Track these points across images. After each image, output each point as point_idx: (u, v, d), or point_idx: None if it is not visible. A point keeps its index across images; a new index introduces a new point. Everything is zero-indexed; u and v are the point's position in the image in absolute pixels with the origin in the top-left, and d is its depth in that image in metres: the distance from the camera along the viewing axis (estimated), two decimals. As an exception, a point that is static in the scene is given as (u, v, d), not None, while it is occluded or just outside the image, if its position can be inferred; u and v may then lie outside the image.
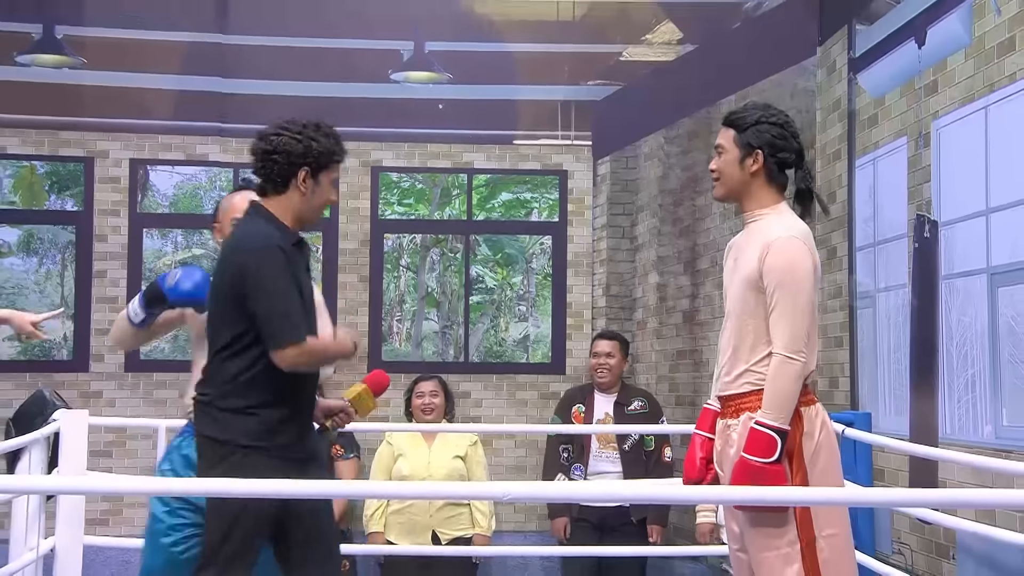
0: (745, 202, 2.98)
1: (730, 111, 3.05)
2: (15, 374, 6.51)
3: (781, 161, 2.96)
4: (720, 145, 2.99)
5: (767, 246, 2.87)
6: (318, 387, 3.12)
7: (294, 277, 2.97)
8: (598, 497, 4.79)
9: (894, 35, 4.55)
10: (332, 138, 3.16)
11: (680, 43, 6.62)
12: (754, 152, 2.94)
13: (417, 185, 7.75)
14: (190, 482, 2.81)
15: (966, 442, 3.94)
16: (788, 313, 2.84)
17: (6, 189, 7.14)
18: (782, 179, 2.98)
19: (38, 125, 6.74)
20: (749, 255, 2.92)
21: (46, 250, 7.18)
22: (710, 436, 3.02)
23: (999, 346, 3.82)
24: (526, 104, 7.15)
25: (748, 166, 2.94)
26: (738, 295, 2.93)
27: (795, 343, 2.83)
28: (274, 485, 2.56)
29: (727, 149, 2.97)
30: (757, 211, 2.96)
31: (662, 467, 4.95)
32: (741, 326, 2.91)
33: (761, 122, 2.95)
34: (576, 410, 5.06)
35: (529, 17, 6.59)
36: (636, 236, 7.04)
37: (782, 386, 2.83)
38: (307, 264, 3.15)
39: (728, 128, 2.99)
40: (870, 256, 4.78)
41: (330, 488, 4.56)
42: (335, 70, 6.76)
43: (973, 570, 3.92)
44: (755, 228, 2.95)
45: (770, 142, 2.94)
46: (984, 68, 3.93)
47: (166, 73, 6.73)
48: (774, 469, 2.78)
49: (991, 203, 3.90)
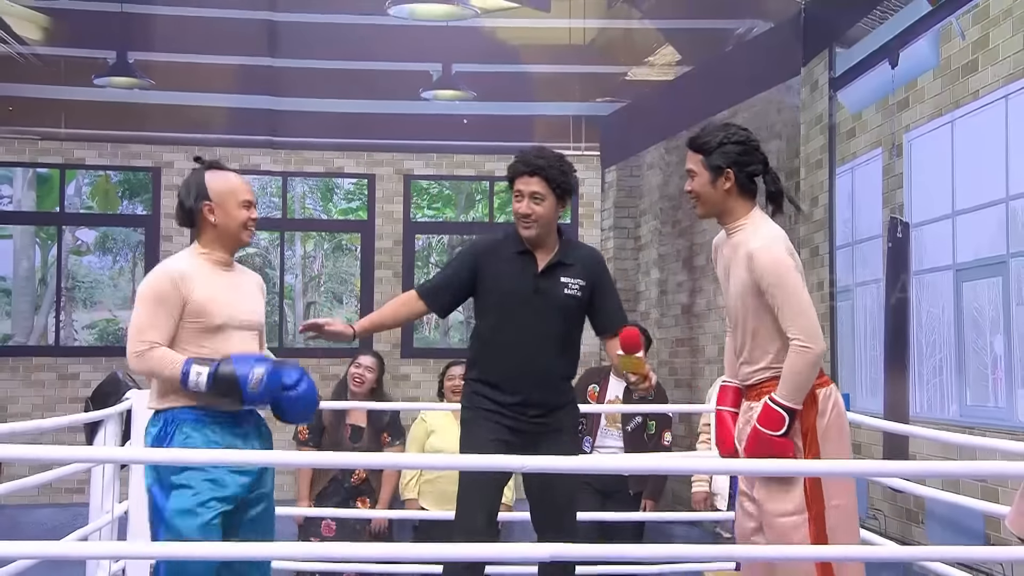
0: (724, 217, 2.90)
1: (692, 136, 2.92)
2: (93, 359, 6.57)
3: (749, 174, 2.88)
4: (691, 170, 2.89)
5: (750, 258, 2.82)
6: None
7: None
8: (611, 469, 4.76)
9: (870, 57, 4.53)
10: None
11: (679, 64, 6.61)
12: (724, 172, 2.85)
13: (445, 191, 7.76)
14: (246, 454, 2.81)
15: (934, 419, 3.93)
16: (795, 308, 2.79)
17: (85, 195, 7.20)
18: (752, 188, 2.90)
19: (112, 139, 6.80)
20: (737, 267, 2.88)
21: (119, 249, 7.24)
22: (735, 411, 2.97)
23: (963, 335, 3.81)
24: (541, 119, 7.15)
25: (721, 185, 2.85)
26: (738, 302, 2.89)
27: (810, 332, 2.78)
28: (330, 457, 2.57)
29: (698, 173, 2.87)
30: (735, 223, 2.88)
31: (661, 450, 4.95)
32: (749, 328, 2.88)
33: (724, 143, 2.85)
34: (591, 390, 5.05)
35: (545, 42, 6.59)
36: (640, 236, 7.03)
37: (799, 371, 2.78)
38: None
39: (695, 153, 2.88)
40: (848, 254, 4.76)
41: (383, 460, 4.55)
42: (372, 89, 6.78)
43: (940, 533, 3.91)
44: (737, 239, 2.89)
45: (736, 160, 2.85)
46: (951, 87, 3.91)
47: (223, 92, 6.78)
48: (781, 441, 2.77)
49: (957, 207, 3.89)
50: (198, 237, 2.97)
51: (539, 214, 3.13)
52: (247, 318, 2.92)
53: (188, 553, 2.65)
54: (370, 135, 7.10)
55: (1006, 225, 3.57)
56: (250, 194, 2.97)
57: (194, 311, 2.83)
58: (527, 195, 3.12)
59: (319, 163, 7.11)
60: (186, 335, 2.83)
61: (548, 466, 2.68)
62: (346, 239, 8.16)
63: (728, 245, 2.94)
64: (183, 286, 2.83)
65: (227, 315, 2.87)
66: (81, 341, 6.92)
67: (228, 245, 2.95)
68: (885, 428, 3.90)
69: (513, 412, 3.14)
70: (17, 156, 6.77)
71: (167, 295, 2.82)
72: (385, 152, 7.04)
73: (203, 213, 2.91)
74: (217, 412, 2.84)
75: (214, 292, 2.86)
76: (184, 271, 2.87)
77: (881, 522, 4.30)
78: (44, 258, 7.27)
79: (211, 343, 2.83)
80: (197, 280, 2.85)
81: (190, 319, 2.84)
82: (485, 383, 3.18)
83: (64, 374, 6.54)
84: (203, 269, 2.89)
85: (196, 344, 2.83)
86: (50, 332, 6.94)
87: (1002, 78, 3.58)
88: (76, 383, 6.42)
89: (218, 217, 2.91)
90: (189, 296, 2.83)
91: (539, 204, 3.12)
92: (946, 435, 3.35)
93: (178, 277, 2.85)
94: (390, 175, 7.01)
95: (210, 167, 2.98)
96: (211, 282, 2.87)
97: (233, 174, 2.99)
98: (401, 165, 7.03)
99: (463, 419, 3.23)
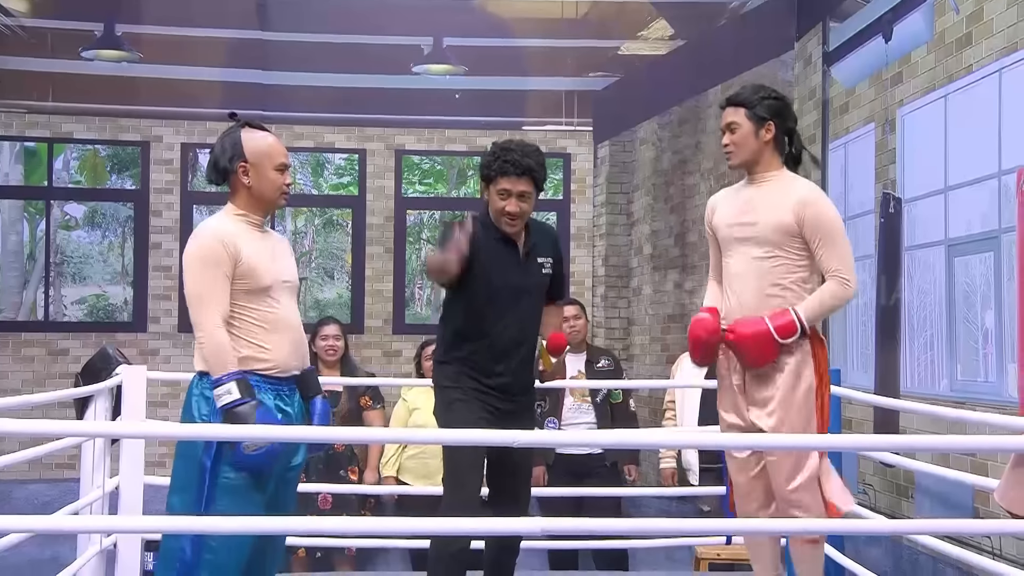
0: (757, 166, 3.06)
1: (733, 94, 3.09)
2: (83, 334, 6.56)
3: (787, 129, 3.07)
4: (733, 122, 3.05)
5: (803, 200, 2.98)
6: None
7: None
8: (597, 443, 4.77)
9: (864, 31, 4.52)
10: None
11: (672, 39, 6.58)
12: (767, 123, 3.02)
13: (436, 167, 7.73)
14: (239, 428, 2.80)
15: (924, 394, 3.95)
16: (841, 249, 2.99)
17: (73, 170, 7.16)
18: (784, 144, 3.08)
19: (100, 113, 6.75)
20: (777, 207, 3.00)
21: (108, 224, 7.21)
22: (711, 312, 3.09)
23: (954, 310, 3.83)
24: (534, 94, 7.12)
25: (763, 136, 3.03)
26: (766, 239, 3.00)
27: (851, 271, 2.99)
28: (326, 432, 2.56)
29: (741, 124, 3.04)
30: (768, 173, 3.06)
31: (628, 416, 4.97)
32: (771, 266, 2.99)
33: (766, 98, 3.05)
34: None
35: (537, 15, 6.55)
36: (632, 212, 7.03)
37: (830, 301, 2.99)
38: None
39: (737, 107, 3.05)
40: (840, 229, 4.77)
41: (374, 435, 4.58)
42: (363, 63, 6.74)
43: (929, 507, 3.94)
44: (771, 187, 3.04)
45: (778, 112, 3.05)
46: (944, 61, 3.90)
47: (213, 66, 6.73)
48: (778, 347, 2.93)
49: (949, 182, 3.89)
50: (232, 198, 2.85)
51: (526, 212, 3.14)
52: (289, 278, 2.87)
53: (179, 527, 2.64)
54: (361, 110, 7.06)
55: (999, 200, 3.57)
56: (286, 157, 2.87)
57: (243, 272, 2.75)
58: (515, 194, 3.11)
59: (310, 138, 7.08)
60: (236, 296, 2.74)
61: (547, 440, 2.68)
62: (337, 214, 8.14)
63: (753, 192, 3.07)
64: (232, 246, 2.75)
65: (273, 276, 2.80)
66: (70, 316, 6.90)
67: (262, 208, 2.85)
68: (876, 403, 3.92)
69: (499, 393, 3.16)
70: (4, 129, 6.73)
71: (220, 257, 2.73)
72: (376, 127, 7.00)
73: (237, 174, 2.80)
74: (273, 378, 2.80)
75: (259, 253, 2.79)
76: (229, 230, 2.78)
77: (871, 496, 4.33)
78: (32, 233, 7.24)
79: (261, 304, 2.77)
80: (242, 240, 2.77)
81: (240, 280, 2.75)
82: (471, 365, 3.16)
83: (54, 349, 6.53)
84: (244, 229, 2.80)
85: (244, 308, 2.76)
86: (39, 307, 6.92)
87: (996, 52, 3.58)
88: (66, 359, 6.41)
89: (252, 179, 2.80)
90: (238, 256, 2.74)
91: (526, 202, 3.13)
92: (937, 409, 3.37)
93: (226, 237, 2.75)
94: (381, 150, 6.98)
95: (246, 125, 2.86)
96: (254, 243, 2.80)
97: (270, 135, 2.88)
98: (392, 140, 7.00)
99: (447, 399, 3.19)
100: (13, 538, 2.83)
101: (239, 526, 2.63)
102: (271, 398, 2.78)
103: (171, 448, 5.96)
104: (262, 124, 2.91)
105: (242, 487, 2.72)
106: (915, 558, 3.92)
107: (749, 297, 3.01)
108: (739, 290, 3.04)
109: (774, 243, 2.99)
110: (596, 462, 4.89)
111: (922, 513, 3.95)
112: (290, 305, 2.84)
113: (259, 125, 2.90)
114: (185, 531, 2.69)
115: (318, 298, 7.89)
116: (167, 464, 6.08)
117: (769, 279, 2.99)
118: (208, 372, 2.76)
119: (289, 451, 2.84)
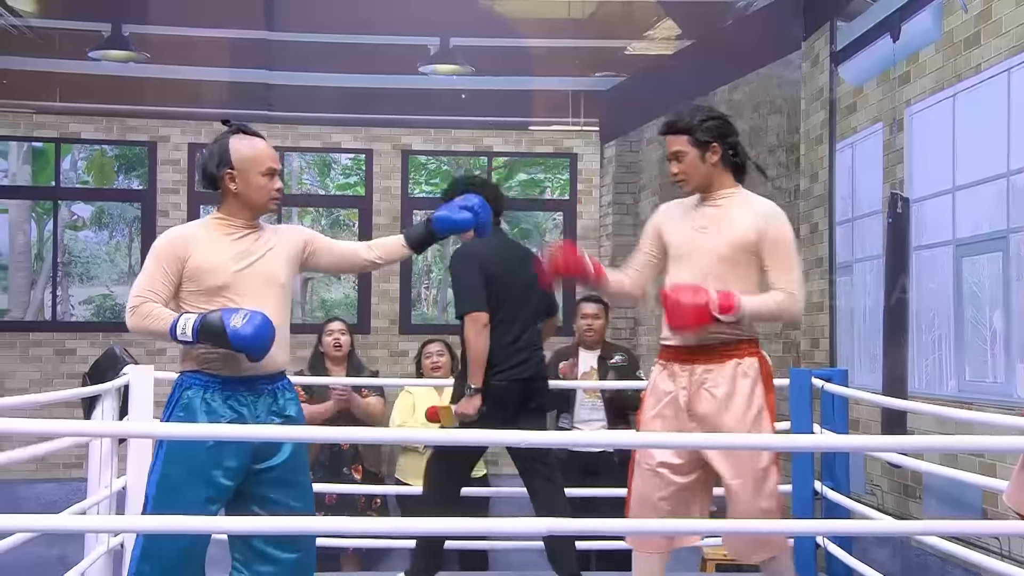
0: (711, 188, 3.08)
1: (670, 122, 3.10)
2: (90, 334, 6.58)
3: (731, 145, 3.08)
4: (678, 151, 3.06)
5: (764, 214, 3.02)
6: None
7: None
8: (598, 444, 4.78)
9: (872, 31, 4.51)
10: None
11: (678, 39, 6.57)
12: (711, 146, 3.04)
13: (443, 167, 7.74)
14: (239, 428, 2.79)
15: (932, 395, 3.95)
16: (795, 266, 3.03)
17: (81, 170, 7.19)
18: (733, 160, 3.09)
19: (107, 113, 6.77)
20: (736, 222, 3.01)
21: (115, 224, 7.24)
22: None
23: (962, 310, 3.82)
24: (540, 94, 7.13)
25: (709, 159, 3.05)
26: (724, 256, 3.00)
27: (801, 288, 3.04)
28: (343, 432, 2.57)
29: (686, 152, 3.05)
30: (723, 191, 3.08)
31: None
32: (723, 283, 2.97)
33: (705, 120, 3.05)
34: (563, 366, 5.05)
35: (543, 15, 6.55)
36: (639, 212, 7.02)
37: (773, 306, 3.00)
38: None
39: (678, 135, 3.06)
40: (848, 230, 4.76)
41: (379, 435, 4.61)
42: (369, 63, 6.75)
43: (937, 508, 3.93)
44: (729, 203, 3.06)
45: (720, 132, 3.06)
46: (952, 60, 3.89)
47: (219, 66, 6.74)
48: (707, 320, 2.91)
49: (957, 182, 3.88)
50: (220, 203, 2.91)
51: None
52: (255, 279, 2.83)
53: (179, 527, 2.64)
54: (368, 110, 7.07)
55: (1007, 200, 3.57)
56: (275, 162, 2.89)
57: (191, 274, 2.80)
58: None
59: (316, 138, 7.09)
60: (189, 297, 2.81)
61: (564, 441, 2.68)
62: (344, 215, 8.16)
63: (710, 209, 3.09)
64: (181, 246, 2.81)
65: (229, 277, 2.80)
66: (78, 316, 6.92)
67: (249, 213, 2.88)
68: (883, 404, 3.91)
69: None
70: (12, 129, 6.75)
71: (164, 253, 2.82)
72: (383, 127, 7.01)
73: (224, 180, 2.85)
74: (228, 379, 2.80)
75: (216, 254, 2.81)
76: (187, 233, 2.86)
77: (879, 497, 4.32)
78: (40, 233, 7.27)
79: (213, 304, 2.78)
80: (199, 242, 2.82)
81: (190, 280, 2.80)
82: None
83: (61, 349, 6.55)
84: (212, 233, 2.85)
85: (199, 305, 2.80)
86: (47, 307, 6.94)
87: (1005, 51, 3.57)
88: (73, 359, 6.43)
89: (240, 185, 2.84)
90: (188, 257, 2.80)
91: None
92: (944, 410, 3.37)
93: (177, 237, 2.84)
94: (388, 150, 6.99)
95: (239, 131, 2.90)
96: (216, 244, 2.83)
97: (260, 140, 2.90)
98: (399, 140, 7.00)
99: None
100: (20, 537, 2.84)
101: (242, 526, 2.64)
102: (220, 399, 2.79)
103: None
104: (254, 130, 2.94)
105: (175, 483, 2.74)
106: (923, 559, 3.91)
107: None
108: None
109: (733, 259, 3.00)
110: (606, 459, 4.90)
111: (930, 514, 3.94)
112: (260, 305, 2.78)
113: (251, 131, 2.92)
114: (189, 531, 2.70)
115: (324, 298, 7.91)
116: (174, 464, 6.10)
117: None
118: (177, 369, 2.84)
119: (259, 451, 2.80)
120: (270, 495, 2.82)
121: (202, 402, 2.80)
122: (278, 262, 2.90)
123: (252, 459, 2.81)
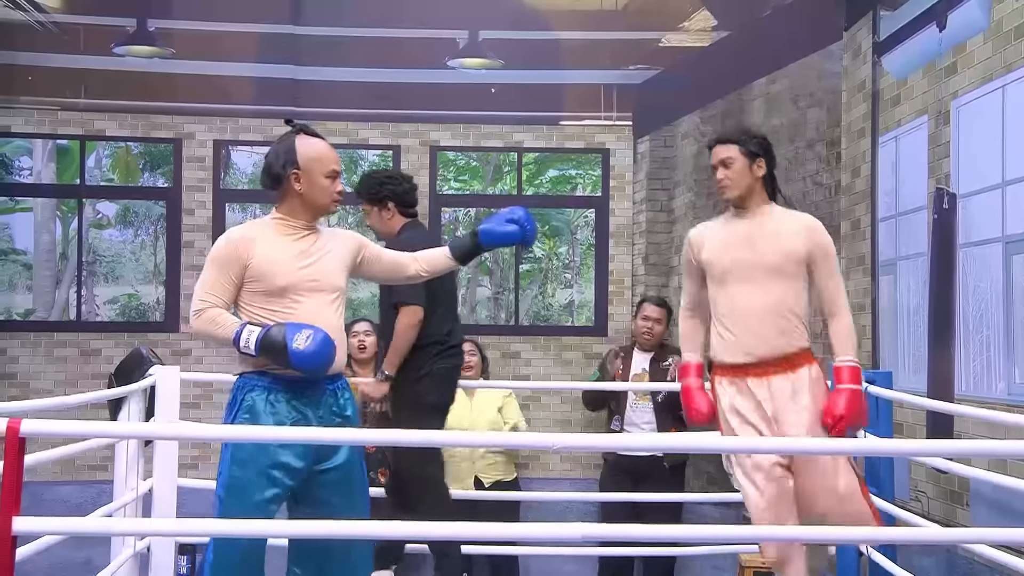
0: (750, 199, 3.32)
1: (722, 133, 3.42)
2: (116, 334, 6.63)
3: (771, 168, 3.36)
4: (728, 158, 3.32)
5: (811, 227, 3.27)
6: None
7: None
8: (639, 448, 4.79)
9: (916, 20, 4.45)
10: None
11: (714, 30, 6.52)
12: (758, 159, 3.32)
13: (472, 163, 7.73)
14: (273, 430, 2.83)
15: (980, 398, 3.88)
16: (839, 276, 3.29)
17: (105, 167, 7.24)
18: (771, 185, 3.37)
19: (132, 110, 6.81)
20: (783, 236, 3.24)
21: (140, 222, 7.28)
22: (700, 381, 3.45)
23: (1013, 309, 3.75)
24: (572, 88, 7.09)
25: (755, 171, 3.31)
26: (776, 268, 3.22)
27: (846, 301, 3.31)
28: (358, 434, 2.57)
29: (735, 159, 3.31)
30: (762, 205, 3.33)
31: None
32: (781, 295, 3.20)
33: (755, 136, 3.36)
34: (616, 367, 5.06)
35: (575, 7, 6.52)
36: (673, 209, 6.98)
37: (852, 334, 3.29)
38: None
39: (730, 144, 3.33)
40: (892, 226, 4.70)
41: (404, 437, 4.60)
42: (397, 58, 6.74)
43: (985, 515, 3.87)
44: (767, 219, 3.30)
45: (767, 150, 3.35)
46: (1002, 50, 3.83)
47: (245, 62, 6.76)
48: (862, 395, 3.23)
49: (1007, 176, 3.82)
50: (279, 202, 2.97)
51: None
52: (316, 280, 2.89)
53: (215, 530, 2.67)
54: (395, 105, 7.06)
55: (1059, 195, 3.50)
56: (338, 164, 2.98)
57: (255, 273, 2.85)
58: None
59: (343, 134, 7.10)
60: (251, 297, 2.85)
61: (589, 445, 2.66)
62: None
63: (748, 225, 3.32)
64: (243, 247, 2.86)
65: (291, 277, 2.86)
66: (103, 316, 6.97)
67: (310, 214, 2.95)
68: (929, 407, 3.86)
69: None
70: (37, 127, 6.81)
71: (225, 256, 2.86)
72: (410, 123, 7.01)
73: (289, 180, 2.92)
74: (292, 380, 2.84)
75: (278, 254, 2.87)
76: (247, 234, 2.91)
77: (924, 504, 4.26)
78: (65, 231, 7.32)
79: (279, 306, 2.84)
80: (260, 242, 2.87)
81: (252, 281, 2.86)
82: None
83: (86, 350, 6.61)
84: (271, 233, 2.91)
85: (264, 308, 2.85)
86: (71, 307, 7.01)
87: (1057, 41, 3.51)
88: (99, 359, 6.48)
89: (304, 186, 2.93)
90: (250, 258, 2.85)
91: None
92: (993, 414, 3.31)
93: (238, 238, 2.89)
94: (416, 146, 6.99)
95: (301, 131, 2.98)
96: (278, 244, 2.88)
97: (323, 142, 3.00)
98: (427, 136, 7.00)
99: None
100: (47, 540, 2.86)
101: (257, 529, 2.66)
102: (284, 400, 2.84)
103: (203, 451, 6.04)
104: (316, 131, 3.01)
105: (243, 485, 2.80)
106: (970, 569, 3.85)
107: (761, 327, 3.20)
108: (749, 322, 3.21)
109: (785, 273, 3.20)
110: (654, 465, 4.88)
111: (978, 522, 3.88)
112: (318, 307, 2.86)
113: (313, 132, 3.00)
114: (218, 534, 2.73)
115: (351, 297, 7.92)
116: (200, 466, 6.17)
117: (782, 308, 3.20)
118: (236, 370, 2.88)
119: (320, 452, 2.87)
120: (328, 497, 2.90)
121: (266, 403, 2.85)
122: (337, 265, 2.96)
123: (315, 460, 2.87)
